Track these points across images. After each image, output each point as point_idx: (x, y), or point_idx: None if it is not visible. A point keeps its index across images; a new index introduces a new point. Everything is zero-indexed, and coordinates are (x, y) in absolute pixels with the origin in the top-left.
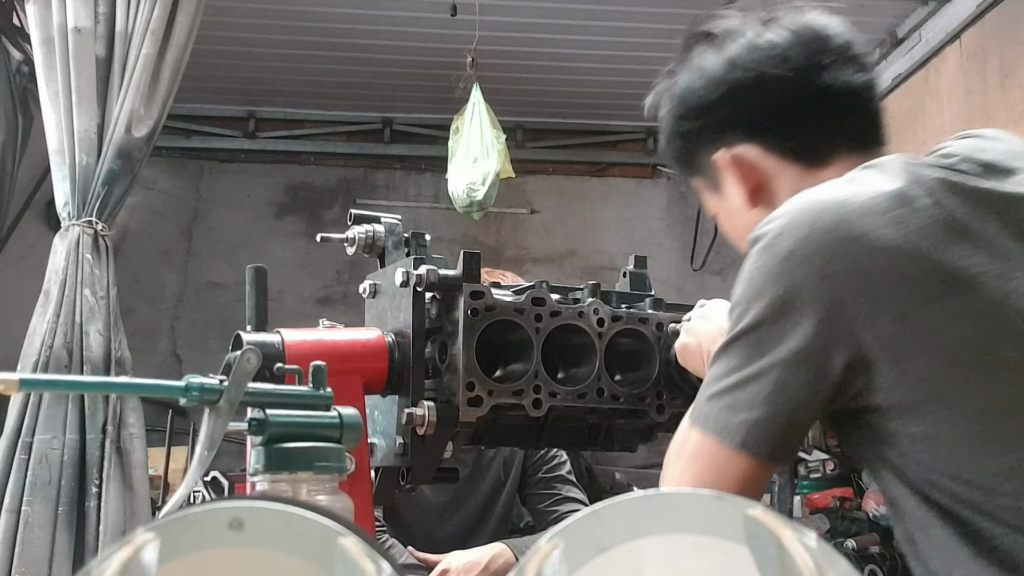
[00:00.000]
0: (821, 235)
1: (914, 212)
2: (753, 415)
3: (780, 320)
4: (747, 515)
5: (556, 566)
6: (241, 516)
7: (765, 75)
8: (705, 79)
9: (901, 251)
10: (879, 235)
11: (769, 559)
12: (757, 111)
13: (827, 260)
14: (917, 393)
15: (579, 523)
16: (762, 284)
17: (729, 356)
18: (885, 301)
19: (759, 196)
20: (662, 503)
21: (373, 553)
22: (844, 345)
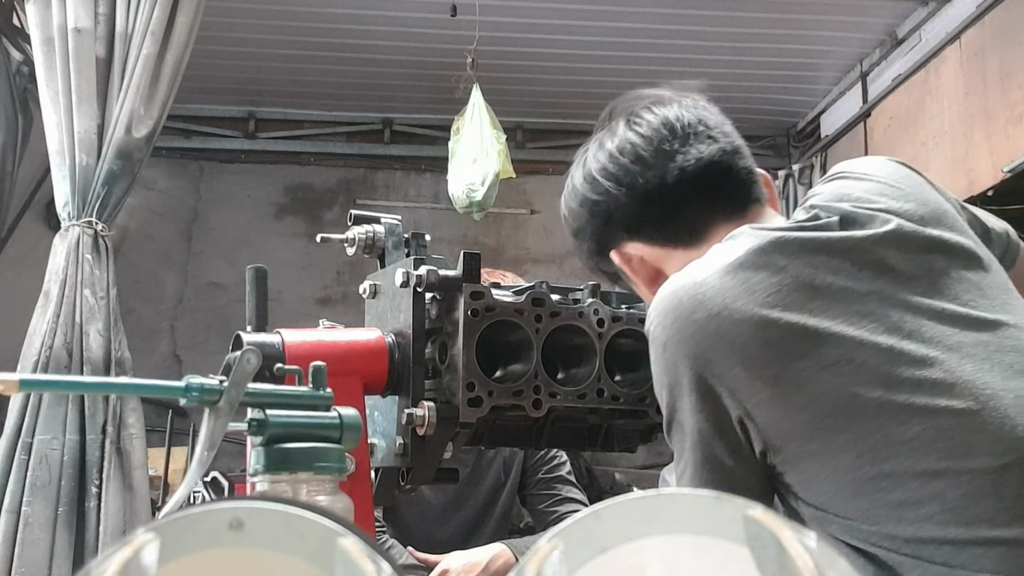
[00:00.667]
0: (683, 320)
1: (766, 278)
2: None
3: (679, 407)
4: (747, 515)
5: (556, 566)
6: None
7: (624, 180)
8: (578, 197)
9: (758, 318)
10: (736, 307)
11: (769, 559)
12: (627, 214)
13: (694, 343)
14: (800, 447)
15: (579, 523)
16: (659, 378)
17: (672, 442)
18: (755, 368)
19: (658, 277)
20: (662, 503)
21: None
22: (732, 414)
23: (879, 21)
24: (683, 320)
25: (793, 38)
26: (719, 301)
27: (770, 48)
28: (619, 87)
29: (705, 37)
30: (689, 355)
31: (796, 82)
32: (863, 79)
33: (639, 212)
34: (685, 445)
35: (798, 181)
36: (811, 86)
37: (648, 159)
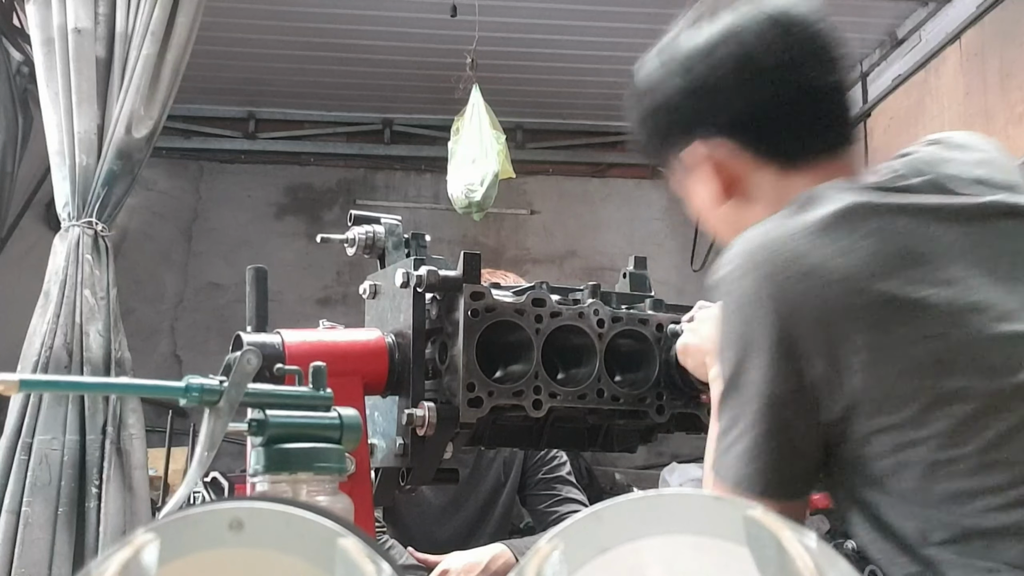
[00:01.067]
0: (775, 276)
1: (860, 240)
2: (763, 463)
3: (751, 366)
4: (747, 516)
5: (556, 567)
6: (241, 517)
7: (754, 67)
8: (683, 65)
9: (854, 282)
10: (831, 268)
11: (769, 560)
12: (740, 105)
13: (784, 300)
14: (880, 418)
15: (579, 524)
16: (729, 333)
17: (727, 408)
18: (847, 333)
19: (732, 190)
20: (662, 504)
21: (373, 554)
22: (809, 378)
23: (879, 21)
24: (775, 276)
25: None
26: (813, 260)
27: None
28: (619, 87)
29: None
30: (776, 312)
31: None
32: (863, 79)
33: (755, 108)
34: (747, 411)
35: None
36: None
37: (790, 59)
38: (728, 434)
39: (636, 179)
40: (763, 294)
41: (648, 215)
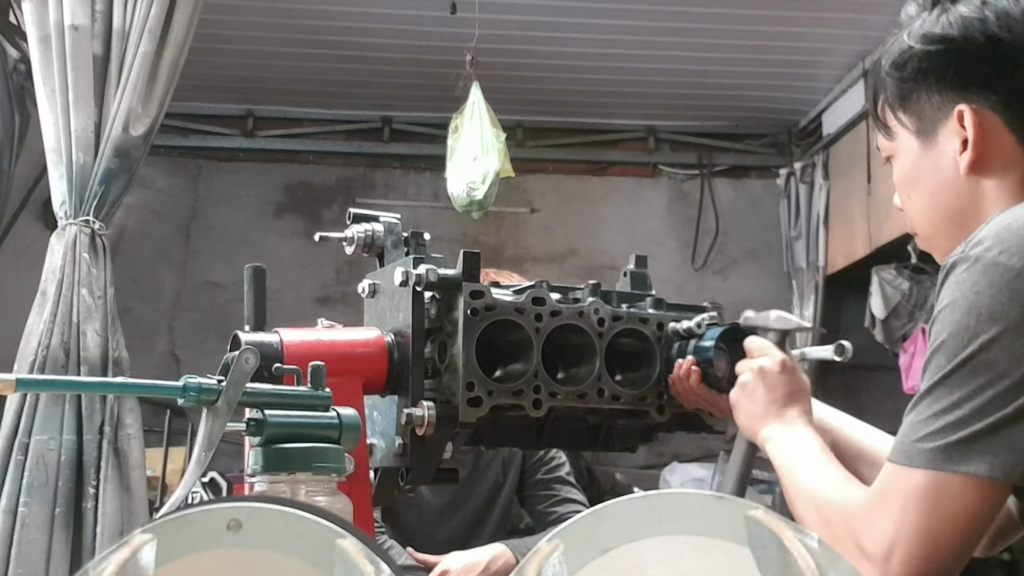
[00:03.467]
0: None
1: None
2: (1013, 439)
3: (1017, 339)
4: (748, 516)
5: (557, 567)
6: (239, 517)
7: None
8: (982, 23)
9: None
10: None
11: (770, 560)
12: (1021, 81)
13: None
14: None
15: (580, 524)
16: (992, 305)
17: (955, 385)
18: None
19: (980, 165)
20: (663, 504)
21: (371, 554)
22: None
23: (881, 18)
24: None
25: (795, 36)
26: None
27: (772, 46)
28: (619, 85)
29: (706, 35)
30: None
31: (798, 80)
32: (865, 77)
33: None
34: (989, 392)
35: (800, 180)
36: (813, 84)
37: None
38: (950, 413)
39: (636, 177)
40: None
41: (649, 213)
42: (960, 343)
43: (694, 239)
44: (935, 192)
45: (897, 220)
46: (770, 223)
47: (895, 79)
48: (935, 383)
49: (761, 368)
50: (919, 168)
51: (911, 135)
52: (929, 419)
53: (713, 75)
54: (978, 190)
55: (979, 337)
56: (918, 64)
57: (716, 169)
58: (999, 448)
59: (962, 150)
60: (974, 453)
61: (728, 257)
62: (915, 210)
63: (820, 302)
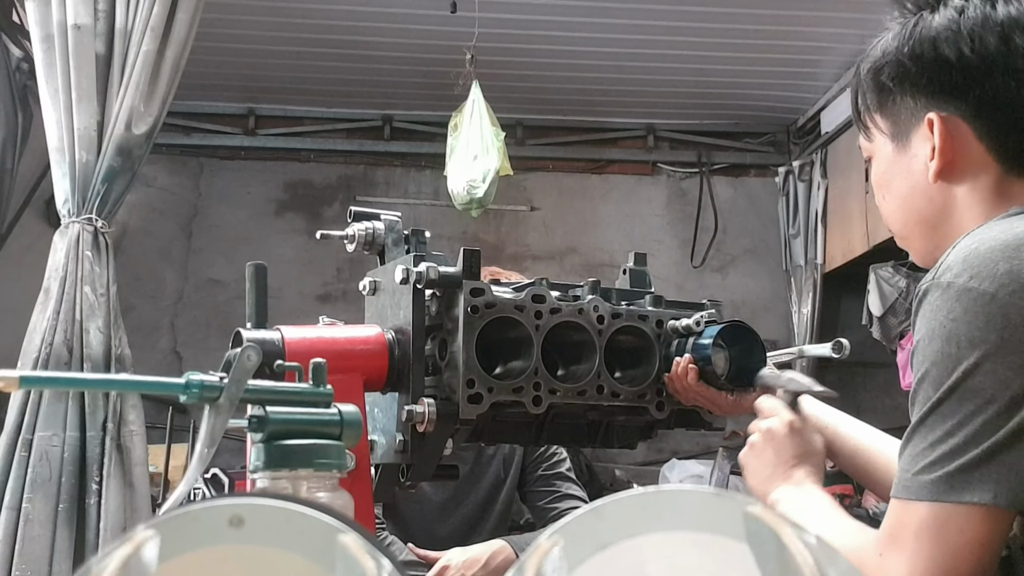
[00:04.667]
0: (1017, 276)
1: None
2: (1011, 463)
3: (999, 362)
4: (747, 512)
5: (556, 563)
6: (241, 513)
7: (1015, 55)
8: (954, 34)
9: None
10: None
11: (769, 556)
12: (988, 89)
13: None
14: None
15: (579, 520)
16: (969, 332)
17: (946, 414)
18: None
19: (950, 173)
20: (662, 500)
21: (373, 550)
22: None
23: (879, 17)
24: (1015, 276)
25: (793, 35)
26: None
27: (770, 45)
28: (619, 83)
29: (705, 34)
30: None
31: (796, 78)
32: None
33: (1012, 100)
34: (979, 418)
35: (798, 178)
36: (811, 83)
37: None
38: (943, 444)
39: (636, 175)
40: (1011, 293)
41: (648, 211)
42: (944, 372)
43: (693, 237)
44: (907, 196)
45: None
46: (768, 221)
47: (873, 83)
48: (925, 414)
49: (769, 430)
50: (893, 171)
51: (887, 139)
52: (925, 450)
53: (712, 74)
54: (949, 196)
55: (961, 364)
56: (894, 70)
57: (715, 167)
58: (999, 474)
59: (931, 157)
60: (975, 481)
61: (727, 255)
62: (889, 211)
63: (818, 299)
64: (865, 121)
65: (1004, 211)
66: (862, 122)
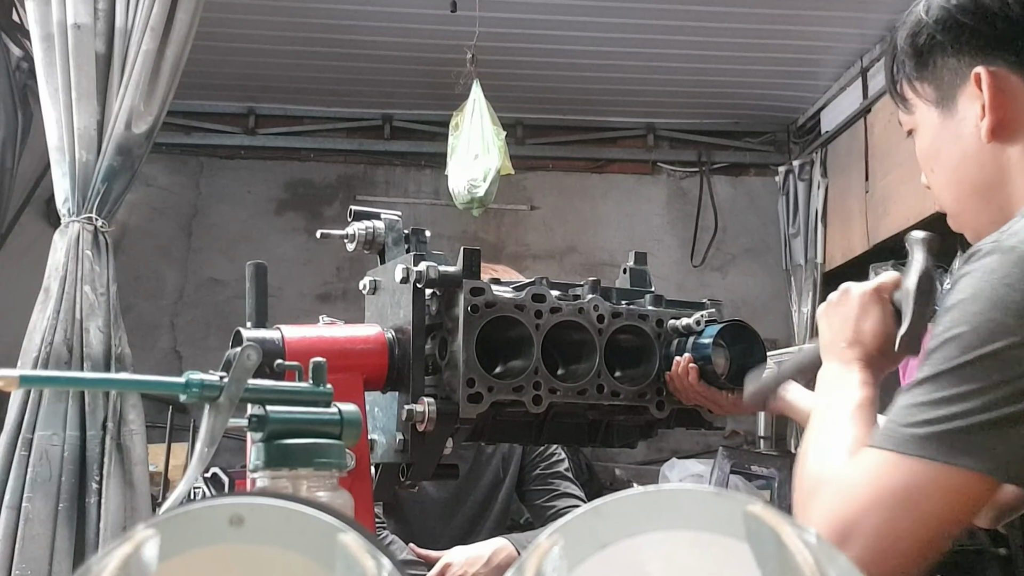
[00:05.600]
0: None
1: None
2: (1017, 438)
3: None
4: (747, 511)
5: (556, 562)
6: (241, 512)
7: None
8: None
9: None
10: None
11: (769, 555)
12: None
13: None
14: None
15: (579, 519)
16: (1022, 300)
17: (965, 377)
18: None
19: (1002, 132)
20: (662, 499)
21: (373, 549)
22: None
23: (879, 16)
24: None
25: (793, 34)
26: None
27: (770, 44)
28: (619, 83)
29: (705, 33)
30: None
31: (796, 78)
32: (863, 75)
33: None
34: (1005, 390)
35: (798, 177)
36: (811, 82)
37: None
38: (960, 403)
39: (636, 174)
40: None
41: (648, 211)
42: (980, 336)
43: (693, 236)
44: (958, 164)
45: (895, 216)
46: (769, 220)
47: (911, 49)
48: (940, 372)
49: (847, 292)
50: (940, 140)
51: (930, 106)
52: (925, 406)
53: (712, 73)
54: (1003, 158)
55: (1004, 332)
56: (933, 29)
57: (715, 166)
58: (1004, 446)
59: (982, 116)
60: (975, 446)
61: (727, 254)
62: (939, 185)
63: (818, 299)
64: (904, 92)
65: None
66: (901, 94)
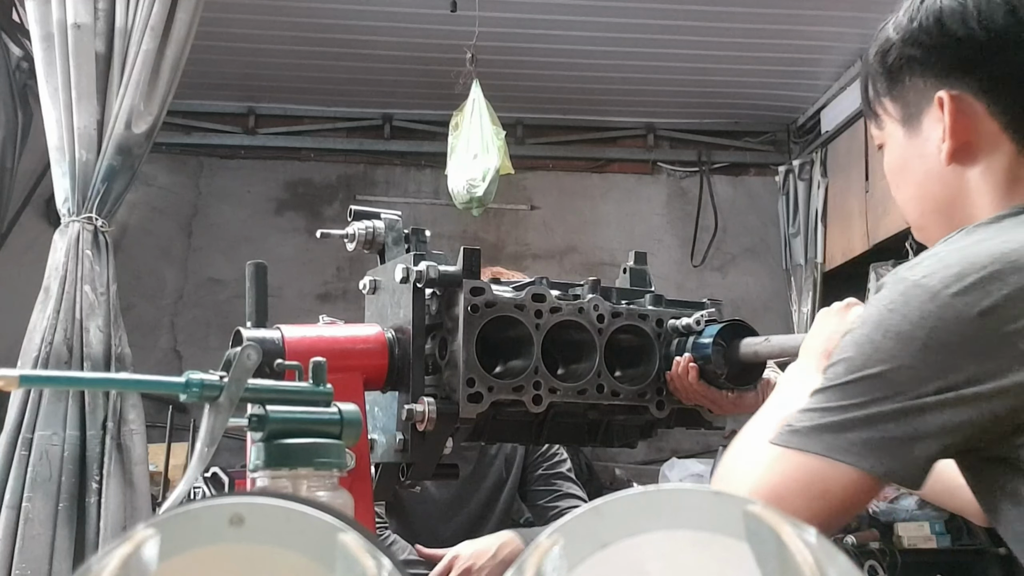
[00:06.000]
0: (962, 277)
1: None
2: (889, 446)
3: (920, 360)
4: (747, 511)
5: (556, 562)
6: (241, 512)
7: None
8: (961, 10)
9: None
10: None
11: (769, 555)
12: (997, 61)
13: (1016, 330)
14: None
15: (579, 519)
16: (899, 323)
17: (849, 392)
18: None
19: (963, 155)
20: (662, 499)
21: (373, 549)
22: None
23: (879, 16)
24: (997, 285)
25: (793, 33)
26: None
27: (771, 43)
28: (619, 82)
29: (705, 32)
30: (993, 327)
31: (796, 77)
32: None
33: (1018, 76)
34: (884, 406)
35: (798, 177)
36: (812, 82)
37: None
38: (842, 413)
39: (636, 174)
40: (943, 297)
41: (648, 211)
42: (864, 360)
43: (693, 236)
44: (922, 182)
45: (895, 217)
46: (769, 220)
47: (880, 67)
48: (829, 387)
49: (849, 305)
50: (906, 158)
51: (897, 124)
52: (815, 412)
53: (712, 73)
54: (963, 179)
55: (886, 359)
56: (901, 51)
57: (715, 166)
58: (882, 448)
59: (944, 138)
60: (855, 445)
61: (727, 254)
62: (904, 200)
63: (818, 298)
64: (875, 108)
65: (1015, 196)
66: (872, 109)
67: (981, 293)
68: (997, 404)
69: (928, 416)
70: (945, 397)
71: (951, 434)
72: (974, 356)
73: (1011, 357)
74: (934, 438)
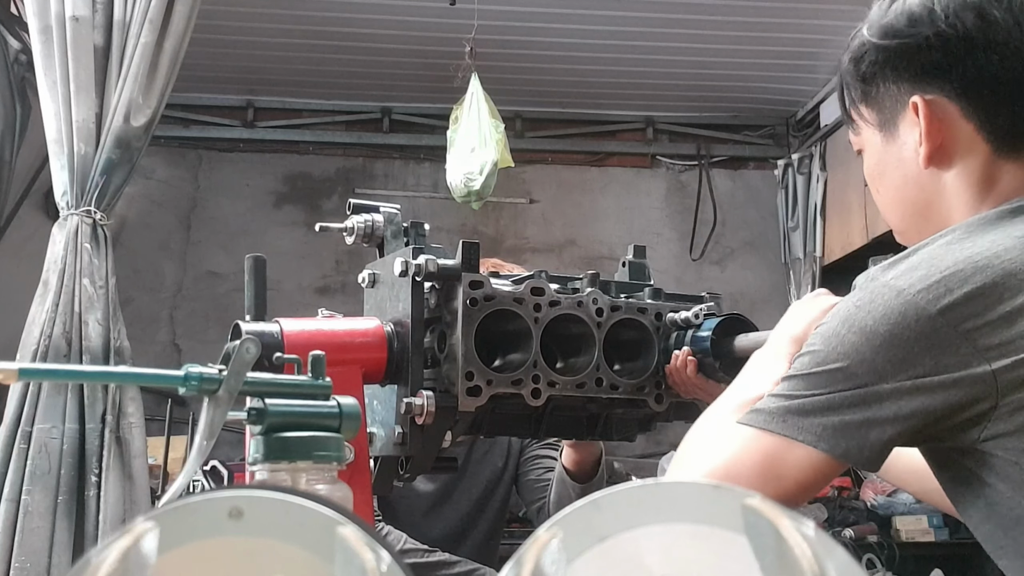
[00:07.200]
0: (926, 278)
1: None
2: (847, 430)
3: (880, 354)
4: (745, 504)
5: (555, 555)
6: (240, 505)
7: (995, 27)
8: (930, 13)
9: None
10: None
11: (767, 548)
12: (976, 69)
13: (974, 327)
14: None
15: (578, 512)
16: (863, 319)
17: (812, 382)
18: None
19: (939, 158)
20: (661, 492)
21: (372, 541)
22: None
23: None
24: (966, 295)
25: (793, 27)
26: (1013, 289)
27: (770, 37)
28: (618, 76)
29: (704, 26)
30: (959, 335)
31: (796, 71)
32: None
33: (996, 72)
34: (842, 395)
35: (797, 171)
36: (811, 75)
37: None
38: (803, 399)
39: (635, 168)
40: (954, 318)
41: (647, 204)
42: (829, 353)
43: (692, 230)
44: (901, 186)
45: None
46: (768, 214)
47: (855, 73)
48: (796, 375)
49: (827, 297)
50: (884, 162)
51: (875, 129)
52: (781, 397)
53: (711, 66)
54: (940, 183)
55: (849, 354)
56: (874, 57)
57: (714, 160)
58: (841, 433)
59: (920, 142)
60: (815, 427)
61: (726, 248)
62: (884, 204)
63: None
64: (852, 114)
65: (991, 197)
66: (849, 116)
67: (943, 291)
68: (952, 393)
69: (885, 403)
70: (901, 385)
71: (906, 420)
72: (931, 351)
73: (968, 353)
74: (889, 424)
